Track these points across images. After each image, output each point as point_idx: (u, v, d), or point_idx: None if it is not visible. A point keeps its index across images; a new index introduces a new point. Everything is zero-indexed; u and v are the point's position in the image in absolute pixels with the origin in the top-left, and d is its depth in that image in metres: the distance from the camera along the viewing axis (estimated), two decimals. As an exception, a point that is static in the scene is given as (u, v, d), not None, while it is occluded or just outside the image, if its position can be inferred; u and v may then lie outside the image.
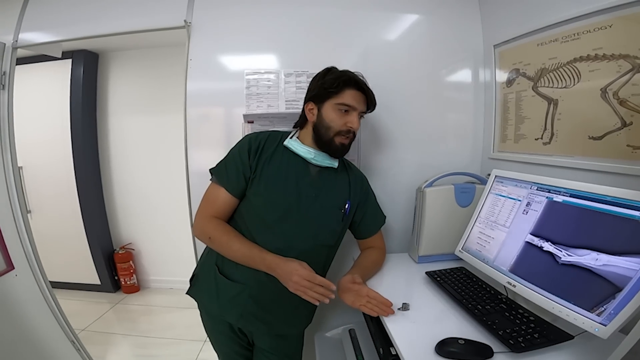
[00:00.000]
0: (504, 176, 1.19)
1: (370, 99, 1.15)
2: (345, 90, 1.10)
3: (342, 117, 1.11)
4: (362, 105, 1.13)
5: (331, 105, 1.12)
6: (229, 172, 1.15)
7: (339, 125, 1.11)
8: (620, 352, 0.60)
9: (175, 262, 3.31)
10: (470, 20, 1.60)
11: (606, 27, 1.00)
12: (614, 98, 0.99)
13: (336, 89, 1.10)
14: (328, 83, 1.11)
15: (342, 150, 1.15)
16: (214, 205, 1.16)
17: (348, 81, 1.11)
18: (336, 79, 1.10)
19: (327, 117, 1.12)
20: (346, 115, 1.11)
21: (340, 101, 1.10)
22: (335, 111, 1.11)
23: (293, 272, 1.00)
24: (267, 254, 1.06)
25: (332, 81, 1.10)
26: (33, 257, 1.79)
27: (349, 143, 1.16)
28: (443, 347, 0.84)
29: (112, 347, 2.51)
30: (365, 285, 1.10)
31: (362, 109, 1.14)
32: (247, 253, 1.08)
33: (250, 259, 1.08)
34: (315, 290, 0.99)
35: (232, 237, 1.11)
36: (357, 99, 1.11)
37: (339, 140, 1.13)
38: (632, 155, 0.95)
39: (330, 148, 1.14)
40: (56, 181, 3.07)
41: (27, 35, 1.70)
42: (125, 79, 3.16)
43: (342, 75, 1.12)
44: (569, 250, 0.88)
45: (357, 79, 1.12)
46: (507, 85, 1.42)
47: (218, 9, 1.56)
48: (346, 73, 1.13)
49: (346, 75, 1.12)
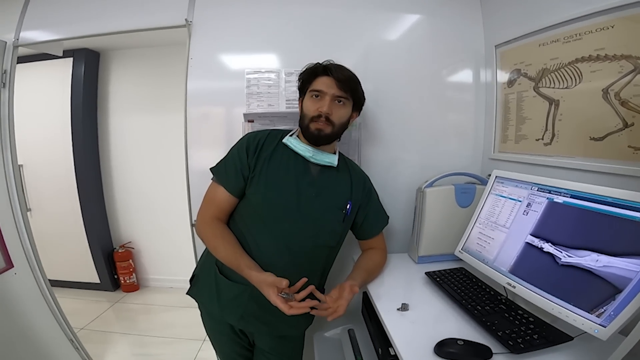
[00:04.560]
0: (505, 177, 1.18)
1: (340, 80, 1.13)
2: (316, 78, 1.15)
3: (315, 103, 1.14)
4: (335, 89, 1.12)
5: (307, 95, 1.17)
6: (228, 171, 1.16)
7: (312, 110, 1.14)
8: (619, 354, 0.60)
9: (175, 261, 3.31)
10: (471, 21, 1.60)
11: (608, 28, 1.00)
12: (616, 99, 0.98)
13: (309, 78, 1.17)
14: (304, 76, 1.19)
15: (319, 136, 1.14)
16: (213, 205, 1.17)
17: (316, 69, 1.16)
18: (308, 69, 1.18)
19: (305, 106, 1.17)
20: (319, 100, 1.13)
21: (312, 88, 1.15)
22: (309, 99, 1.15)
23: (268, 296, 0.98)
24: (250, 271, 1.04)
25: (305, 72, 1.19)
26: (32, 256, 1.79)
27: (330, 131, 1.14)
28: (442, 348, 0.83)
29: (111, 345, 2.51)
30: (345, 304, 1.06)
31: (335, 92, 1.12)
32: (234, 262, 1.08)
33: (236, 269, 1.08)
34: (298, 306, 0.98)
35: (219, 243, 1.12)
36: (327, 84, 1.13)
37: (314, 126, 1.13)
38: (634, 156, 0.94)
39: (308, 135, 1.16)
40: (56, 179, 3.07)
41: (28, 34, 1.70)
42: (126, 77, 3.16)
43: (313, 66, 1.18)
44: (569, 251, 0.88)
45: (325, 65, 1.16)
46: (508, 85, 1.42)
47: (219, 8, 1.56)
48: (317, 63, 1.18)
49: (316, 64, 1.18)
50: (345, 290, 1.06)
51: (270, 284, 0.98)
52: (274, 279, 0.99)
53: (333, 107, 1.13)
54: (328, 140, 1.17)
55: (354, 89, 1.17)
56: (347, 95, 1.15)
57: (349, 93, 1.15)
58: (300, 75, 1.21)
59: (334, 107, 1.13)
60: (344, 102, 1.15)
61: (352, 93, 1.17)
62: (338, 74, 1.13)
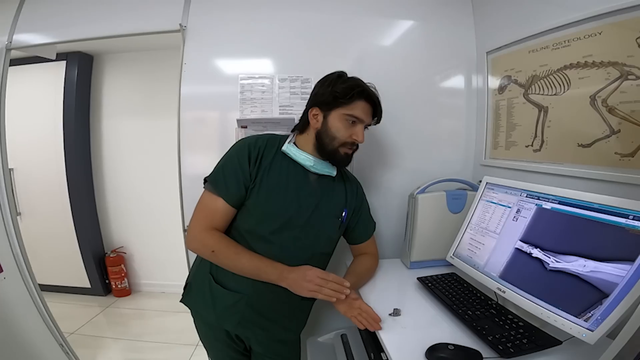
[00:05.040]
0: (495, 183, 1.20)
1: (378, 112, 1.13)
2: (356, 101, 1.06)
3: (349, 129, 1.08)
4: (370, 118, 1.11)
5: (339, 114, 1.07)
6: (227, 181, 1.07)
7: (345, 136, 1.08)
8: (607, 357, 0.61)
9: (167, 266, 3.29)
10: (463, 27, 1.62)
11: (596, 35, 1.02)
12: (603, 105, 1.00)
13: (349, 99, 1.05)
14: (340, 91, 1.05)
15: (347, 161, 1.14)
16: (211, 217, 1.09)
17: (361, 93, 1.06)
18: (349, 89, 1.05)
19: (333, 126, 1.08)
20: (353, 126, 1.08)
21: (350, 112, 1.06)
22: (342, 121, 1.07)
23: (305, 274, 1.02)
24: (278, 264, 1.06)
25: (345, 90, 1.05)
26: (22, 260, 1.77)
27: (352, 154, 1.15)
28: (433, 353, 0.84)
29: (102, 350, 2.47)
30: (360, 297, 1.10)
31: (369, 122, 1.12)
32: (258, 265, 1.05)
33: (260, 271, 1.06)
34: (329, 287, 1.01)
35: (239, 251, 1.07)
36: (367, 112, 1.09)
37: (343, 150, 1.10)
38: (620, 163, 0.96)
39: (335, 158, 1.12)
40: (47, 183, 3.04)
41: (21, 37, 1.70)
42: (120, 81, 3.14)
43: (356, 85, 1.07)
44: (557, 256, 0.89)
45: (370, 91, 1.09)
46: (499, 92, 1.44)
47: (213, 13, 1.56)
48: (359, 83, 1.08)
49: (360, 86, 1.07)
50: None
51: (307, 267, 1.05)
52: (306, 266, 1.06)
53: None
54: None
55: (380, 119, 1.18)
56: (373, 123, 1.16)
57: (374, 121, 1.17)
58: (332, 85, 1.08)
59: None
60: (367, 128, 1.16)
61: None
62: (379, 106, 1.12)
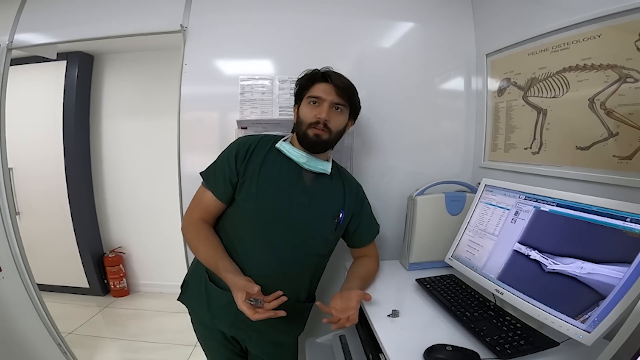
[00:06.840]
0: (494, 185, 1.20)
1: (339, 87, 1.14)
2: (314, 84, 1.15)
3: (313, 110, 1.13)
4: (333, 96, 1.13)
5: (305, 101, 1.16)
6: (216, 177, 1.15)
7: (310, 117, 1.13)
8: (603, 359, 0.61)
9: (166, 267, 3.29)
10: (463, 29, 1.62)
11: (595, 37, 1.02)
12: (601, 108, 1.01)
13: (306, 84, 1.16)
14: (301, 82, 1.19)
15: (317, 142, 1.13)
16: (200, 207, 1.18)
17: (315, 75, 1.16)
18: (307, 76, 1.18)
19: (302, 112, 1.16)
20: (317, 107, 1.13)
21: (310, 94, 1.15)
22: (307, 106, 1.15)
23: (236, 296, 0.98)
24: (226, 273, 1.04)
25: (304, 79, 1.18)
26: (20, 259, 1.77)
27: (327, 138, 1.14)
28: (431, 354, 0.84)
29: (100, 350, 2.47)
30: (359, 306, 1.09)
31: (334, 99, 1.13)
32: (212, 264, 1.09)
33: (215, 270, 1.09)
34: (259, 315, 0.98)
35: (201, 244, 1.12)
36: (326, 90, 1.13)
37: (311, 132, 1.12)
38: (618, 165, 0.97)
39: (305, 141, 1.14)
40: (47, 183, 3.05)
41: (22, 37, 1.70)
42: (120, 81, 3.15)
43: (311, 72, 1.18)
44: (555, 258, 0.90)
45: (324, 72, 1.16)
46: (499, 94, 1.44)
47: (214, 14, 1.57)
48: (316, 70, 1.18)
49: (314, 71, 1.18)
50: (352, 300, 1.07)
51: (240, 287, 0.98)
52: (244, 283, 0.99)
53: (331, 114, 1.13)
54: (325, 147, 1.17)
55: (351, 96, 1.17)
56: (345, 102, 1.16)
57: (347, 100, 1.16)
58: (297, 81, 1.21)
59: (331, 114, 1.13)
60: (341, 109, 1.16)
61: (350, 101, 1.17)
62: (337, 81, 1.13)
